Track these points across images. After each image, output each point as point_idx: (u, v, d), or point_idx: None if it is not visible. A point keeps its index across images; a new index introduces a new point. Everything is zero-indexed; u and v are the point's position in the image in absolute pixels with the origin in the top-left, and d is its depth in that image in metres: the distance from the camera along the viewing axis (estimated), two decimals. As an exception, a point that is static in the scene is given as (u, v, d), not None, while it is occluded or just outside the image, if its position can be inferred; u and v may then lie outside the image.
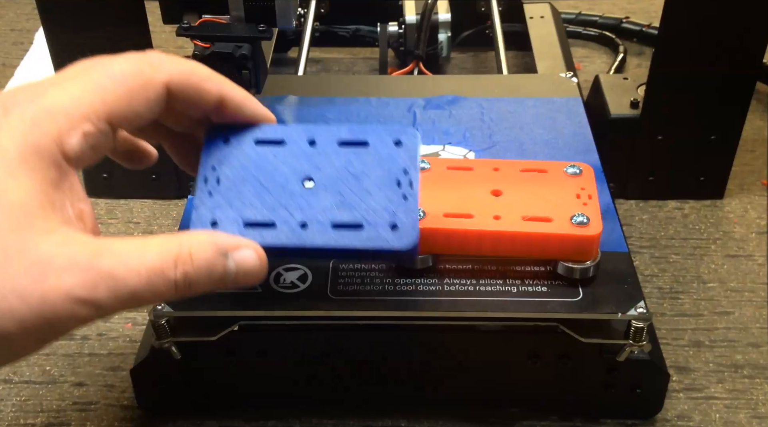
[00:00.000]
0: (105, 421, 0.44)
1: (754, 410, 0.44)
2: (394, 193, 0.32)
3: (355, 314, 0.39)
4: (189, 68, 0.31)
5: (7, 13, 0.87)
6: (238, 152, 0.33)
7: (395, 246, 0.32)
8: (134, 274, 0.26)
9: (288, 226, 0.32)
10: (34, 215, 0.26)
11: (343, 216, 0.32)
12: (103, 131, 0.28)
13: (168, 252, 0.27)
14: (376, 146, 0.33)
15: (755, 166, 0.63)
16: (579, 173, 0.42)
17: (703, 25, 0.52)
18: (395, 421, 0.44)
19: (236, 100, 0.33)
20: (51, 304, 0.25)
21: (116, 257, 0.26)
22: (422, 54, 0.69)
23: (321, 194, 0.32)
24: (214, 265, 0.28)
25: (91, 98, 0.28)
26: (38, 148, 0.26)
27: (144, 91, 0.29)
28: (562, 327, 0.39)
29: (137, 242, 0.27)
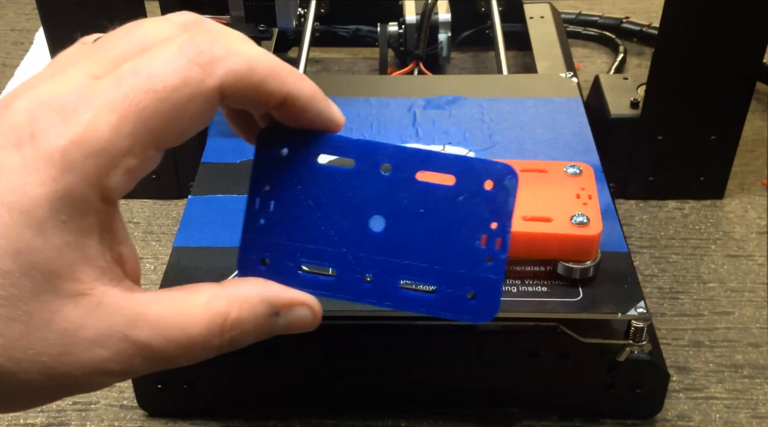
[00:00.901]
0: (105, 421, 0.44)
1: (754, 410, 0.44)
2: (477, 252, 0.27)
3: (355, 314, 0.39)
4: (247, 65, 0.25)
5: (7, 13, 0.87)
6: (298, 170, 0.27)
7: (471, 320, 0.27)
8: (173, 346, 0.24)
9: (350, 277, 0.28)
10: (62, 277, 0.23)
11: (415, 274, 0.27)
12: (148, 159, 0.24)
13: (215, 318, 0.25)
14: (464, 187, 0.27)
15: (755, 166, 0.63)
16: (579, 173, 0.42)
17: (703, 25, 0.52)
18: (395, 421, 0.44)
19: (302, 100, 0.27)
20: (79, 379, 0.23)
21: (155, 326, 0.24)
22: (422, 54, 0.69)
23: (392, 242, 0.27)
24: (264, 326, 0.26)
25: (132, 127, 0.23)
26: (72, 197, 0.22)
27: (192, 105, 0.24)
28: (562, 327, 0.39)
29: (180, 303, 0.24)
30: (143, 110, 0.23)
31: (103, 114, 0.23)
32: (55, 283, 0.22)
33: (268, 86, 0.25)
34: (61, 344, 0.23)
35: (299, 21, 0.68)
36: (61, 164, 0.22)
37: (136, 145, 0.23)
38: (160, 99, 0.23)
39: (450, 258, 0.27)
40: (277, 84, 0.25)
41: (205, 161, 0.47)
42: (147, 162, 0.24)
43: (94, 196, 0.23)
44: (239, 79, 0.24)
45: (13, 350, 0.22)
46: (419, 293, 0.27)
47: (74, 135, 0.22)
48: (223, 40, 0.25)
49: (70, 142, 0.22)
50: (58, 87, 0.23)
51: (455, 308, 0.27)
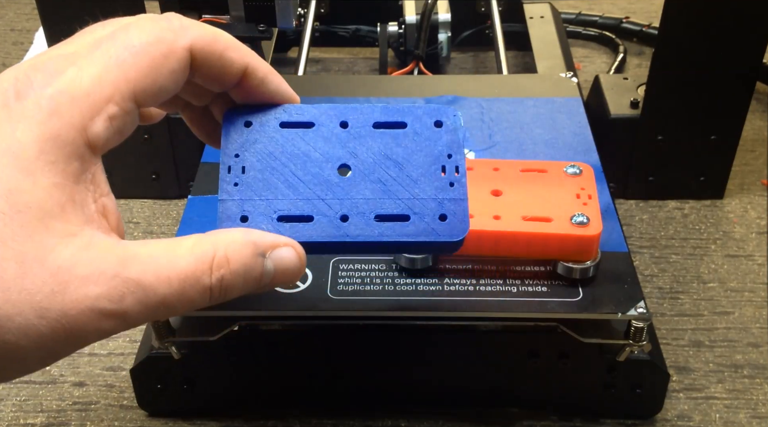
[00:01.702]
0: (105, 421, 0.44)
1: (754, 410, 0.44)
2: (439, 180, 0.30)
3: (355, 314, 0.39)
4: (212, 33, 0.28)
5: (7, 13, 0.87)
6: (262, 137, 0.30)
7: (445, 238, 0.29)
8: (165, 282, 0.24)
9: (327, 219, 0.29)
10: (53, 217, 0.23)
11: (387, 207, 0.29)
12: (128, 111, 0.25)
13: (202, 256, 0.25)
14: (415, 128, 0.30)
15: (755, 166, 0.63)
16: (579, 173, 0.42)
17: (703, 25, 0.52)
18: (395, 421, 0.44)
19: (260, 72, 0.29)
20: (72, 318, 0.23)
21: (145, 263, 0.24)
22: (422, 54, 0.69)
23: (360, 183, 0.30)
24: (252, 267, 0.26)
25: (113, 77, 0.25)
26: (59, 140, 0.24)
27: (167, 61, 0.26)
28: (562, 327, 0.39)
29: (167, 245, 0.25)
30: (123, 63, 0.25)
31: (86, 67, 0.25)
32: (47, 222, 0.23)
33: (231, 55, 0.28)
34: (55, 282, 0.23)
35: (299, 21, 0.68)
36: (47, 110, 0.24)
37: (117, 94, 0.25)
38: (138, 53, 0.26)
39: (416, 189, 0.30)
40: (239, 54, 0.29)
41: (205, 161, 0.47)
42: (127, 114, 0.25)
43: (79, 141, 0.24)
44: (206, 44, 0.27)
45: (8, 292, 0.22)
46: (395, 223, 0.29)
47: (60, 85, 0.24)
48: (190, 19, 0.28)
49: (56, 90, 0.24)
50: (40, 57, 0.26)
51: (430, 232, 0.29)
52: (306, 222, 0.29)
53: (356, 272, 0.40)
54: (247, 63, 0.29)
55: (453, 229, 0.30)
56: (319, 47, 0.77)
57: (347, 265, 0.41)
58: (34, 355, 0.23)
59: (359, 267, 0.41)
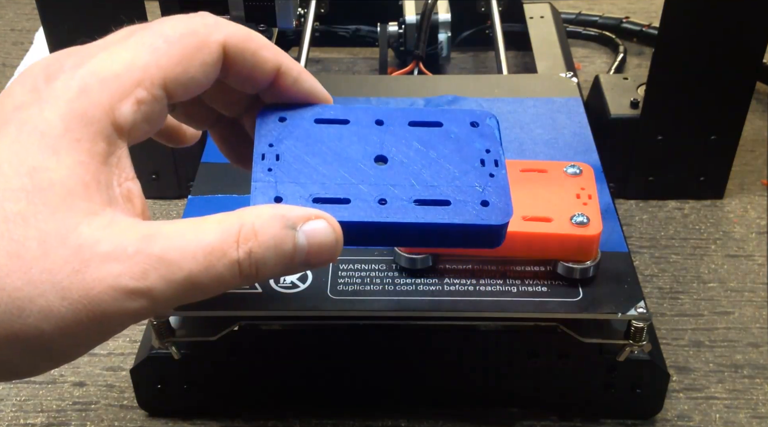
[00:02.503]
0: (105, 421, 0.44)
1: (754, 410, 0.44)
2: (479, 171, 0.29)
3: (355, 314, 0.39)
4: (246, 32, 0.28)
5: (7, 13, 0.87)
6: (297, 130, 0.29)
7: (489, 221, 0.28)
8: (190, 257, 0.23)
9: (364, 202, 0.28)
10: (76, 195, 0.23)
11: (427, 193, 0.28)
12: (158, 98, 0.25)
13: (228, 229, 0.24)
14: (451, 128, 0.30)
15: (755, 166, 0.63)
16: (579, 173, 0.42)
17: (703, 25, 0.52)
18: (395, 421, 0.44)
19: (293, 72, 0.29)
20: (95, 298, 0.22)
21: (168, 239, 0.23)
22: (422, 54, 0.69)
23: (399, 172, 0.28)
24: (283, 240, 0.25)
25: (144, 61, 0.25)
26: (86, 118, 0.23)
27: (200, 53, 0.26)
28: (562, 327, 0.39)
29: (191, 222, 0.24)
30: (155, 50, 0.25)
31: (119, 52, 0.25)
32: (70, 200, 0.23)
33: (264, 53, 0.28)
34: (77, 261, 0.22)
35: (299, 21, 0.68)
36: (76, 89, 0.24)
37: (147, 79, 0.25)
38: (171, 42, 0.25)
39: (456, 179, 0.29)
40: (272, 53, 0.28)
41: (205, 161, 0.47)
42: (156, 101, 0.25)
43: (105, 122, 0.24)
44: (240, 41, 0.27)
45: (30, 272, 0.22)
46: (436, 207, 0.28)
47: (90, 67, 0.24)
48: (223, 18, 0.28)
49: (86, 71, 0.24)
50: (73, 47, 0.26)
51: (472, 216, 0.28)
52: (343, 204, 0.27)
53: (356, 272, 0.40)
54: (281, 62, 0.29)
55: (496, 213, 0.28)
56: (319, 47, 0.77)
57: (347, 265, 0.41)
58: (59, 342, 0.22)
59: (359, 267, 0.41)
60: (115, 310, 0.22)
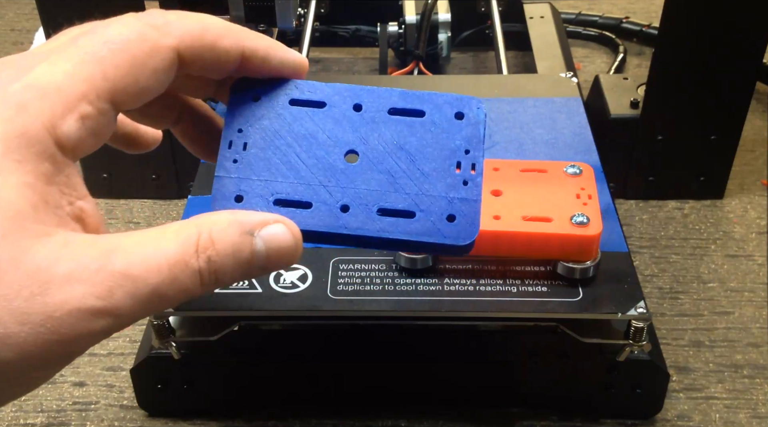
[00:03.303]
0: (105, 421, 0.44)
1: (754, 410, 0.44)
2: (452, 177, 0.28)
3: (355, 314, 0.39)
4: (200, 26, 0.26)
5: (7, 13, 0.87)
6: (270, 113, 0.28)
7: (451, 242, 0.27)
8: (154, 270, 0.22)
9: (326, 207, 0.27)
10: (26, 217, 0.21)
11: (392, 201, 0.27)
12: (104, 112, 0.23)
13: (188, 239, 0.23)
14: (434, 118, 0.28)
15: (755, 166, 0.63)
16: (579, 173, 0.42)
17: (703, 25, 0.52)
18: (395, 421, 0.44)
19: (260, 52, 0.27)
20: (59, 322, 0.21)
21: (130, 253, 0.22)
22: (422, 54, 0.69)
23: (367, 172, 0.28)
24: (240, 246, 0.24)
25: (88, 72, 0.23)
26: (26, 136, 0.22)
27: (151, 60, 0.24)
28: (562, 327, 0.39)
29: (150, 234, 0.23)
30: (101, 60, 0.23)
31: (60, 62, 0.23)
32: (20, 222, 0.21)
33: (224, 44, 0.26)
34: (35, 284, 0.21)
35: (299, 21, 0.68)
36: (15, 106, 0.22)
37: (91, 92, 0.23)
38: (119, 50, 0.24)
39: (426, 184, 0.27)
40: (232, 41, 0.26)
41: (205, 161, 0.47)
42: (102, 115, 0.24)
43: (48, 140, 0.22)
44: (195, 39, 0.25)
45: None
46: (398, 219, 0.27)
47: (29, 80, 0.23)
48: (175, 12, 0.26)
49: (24, 85, 0.22)
50: (11, 56, 0.24)
51: (435, 232, 0.27)
52: (304, 208, 0.27)
53: (356, 272, 0.40)
54: (243, 47, 0.27)
55: (460, 231, 0.27)
56: (319, 47, 0.77)
57: (347, 265, 0.41)
58: (21, 369, 0.21)
59: (359, 267, 0.41)
60: (80, 331, 0.22)
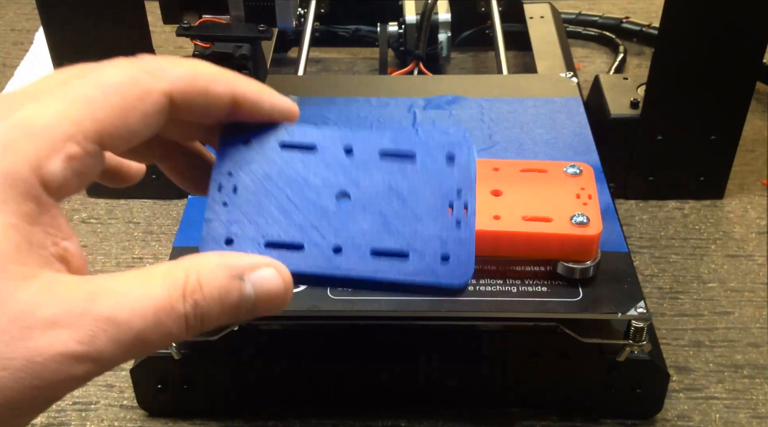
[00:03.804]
0: (105, 421, 0.44)
1: (754, 410, 0.44)
2: (445, 218, 0.28)
3: (355, 314, 0.39)
4: (192, 71, 0.26)
5: (7, 13, 0.87)
6: (260, 157, 0.28)
7: (446, 282, 0.27)
8: (139, 315, 0.22)
9: (318, 249, 0.27)
10: (9, 259, 0.21)
11: (386, 242, 0.27)
12: (91, 153, 0.23)
13: (175, 282, 0.23)
14: (425, 161, 0.28)
15: (755, 166, 0.63)
16: (579, 173, 0.42)
17: (703, 25, 0.52)
18: (395, 421, 0.44)
19: (251, 97, 0.27)
20: (41, 367, 0.21)
21: (115, 297, 0.22)
22: (422, 54, 0.69)
23: (359, 215, 0.27)
24: (228, 290, 0.24)
25: (77, 114, 0.23)
26: (10, 177, 0.22)
27: (141, 104, 0.24)
28: (562, 327, 0.39)
29: (137, 277, 0.23)
30: (91, 101, 0.23)
31: (48, 103, 0.23)
32: (3, 264, 0.21)
33: (215, 89, 0.26)
34: (17, 328, 0.21)
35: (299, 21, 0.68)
36: (1, 145, 0.22)
37: (79, 133, 0.23)
38: (109, 93, 0.24)
39: (419, 225, 0.27)
40: (223, 86, 0.26)
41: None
42: (90, 156, 0.23)
43: (33, 180, 0.22)
44: (186, 84, 0.25)
45: None
46: (392, 260, 0.27)
47: (16, 119, 0.22)
48: (167, 58, 0.26)
49: (11, 125, 0.22)
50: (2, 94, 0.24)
51: (429, 273, 0.27)
52: (296, 251, 0.27)
53: (356, 272, 0.40)
54: (234, 92, 0.27)
55: (454, 272, 0.27)
56: (319, 47, 0.77)
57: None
58: (1, 414, 0.21)
59: (359, 267, 0.41)
60: (62, 376, 0.21)
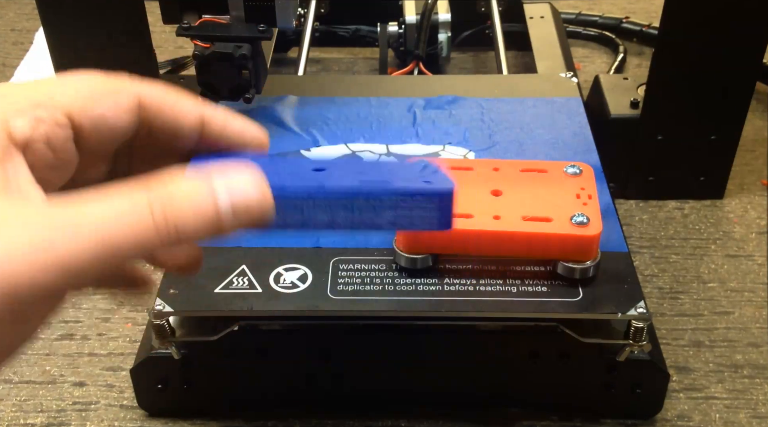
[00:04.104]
0: (105, 421, 0.44)
1: (754, 410, 0.44)
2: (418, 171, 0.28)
3: (355, 314, 0.39)
4: (162, 87, 0.27)
5: (7, 13, 0.87)
6: None
7: (435, 187, 0.27)
8: (99, 215, 0.22)
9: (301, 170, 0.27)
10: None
11: (368, 175, 0.27)
12: (59, 124, 0.24)
13: (137, 185, 0.23)
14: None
15: (755, 166, 0.63)
16: (579, 173, 0.42)
17: (703, 25, 0.52)
18: (395, 421, 0.44)
19: (219, 119, 0.28)
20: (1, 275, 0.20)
21: (76, 204, 0.22)
22: (422, 54, 0.69)
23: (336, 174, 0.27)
24: (198, 190, 0.23)
25: (49, 88, 0.24)
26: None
27: (112, 95, 0.25)
28: (562, 327, 0.39)
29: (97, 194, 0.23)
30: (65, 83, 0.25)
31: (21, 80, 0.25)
32: None
33: (185, 105, 0.27)
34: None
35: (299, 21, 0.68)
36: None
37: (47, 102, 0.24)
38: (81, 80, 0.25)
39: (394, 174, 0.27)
40: (193, 104, 0.27)
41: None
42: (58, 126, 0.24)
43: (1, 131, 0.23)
44: (157, 97, 0.26)
45: None
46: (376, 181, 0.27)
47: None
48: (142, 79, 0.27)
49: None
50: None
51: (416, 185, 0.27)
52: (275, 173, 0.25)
53: (356, 272, 0.40)
54: (203, 112, 0.27)
55: (439, 184, 0.27)
56: (319, 47, 0.77)
57: (347, 265, 0.41)
58: None
59: (359, 267, 0.41)
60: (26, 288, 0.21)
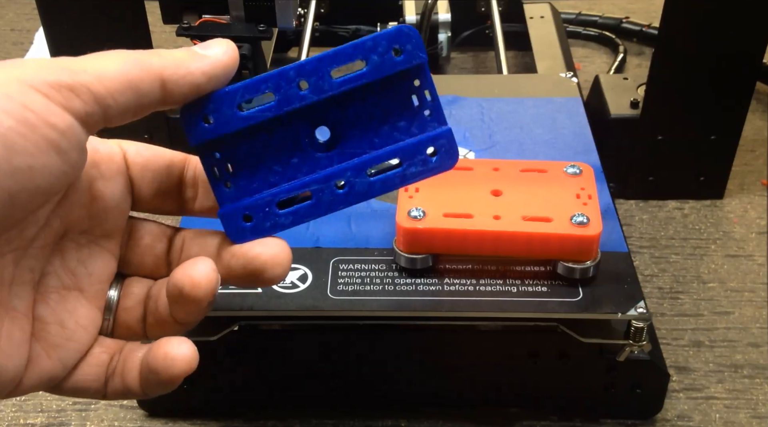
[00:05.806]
0: (105, 421, 0.44)
1: (754, 410, 0.44)
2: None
3: (355, 314, 0.39)
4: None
5: (7, 13, 0.87)
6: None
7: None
8: (114, 62, 0.24)
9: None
10: None
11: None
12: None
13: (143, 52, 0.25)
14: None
15: (755, 166, 0.63)
16: (579, 173, 0.42)
17: (703, 25, 0.52)
18: (395, 421, 0.44)
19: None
20: (20, 100, 0.21)
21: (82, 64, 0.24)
22: (422, 54, 0.69)
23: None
24: (190, 53, 0.26)
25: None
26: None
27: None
28: (562, 327, 0.39)
29: None
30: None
31: None
32: None
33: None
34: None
35: (299, 21, 0.68)
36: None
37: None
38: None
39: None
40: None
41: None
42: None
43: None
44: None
45: None
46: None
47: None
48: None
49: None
50: None
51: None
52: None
53: (356, 272, 0.40)
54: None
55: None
56: (319, 47, 0.77)
57: (347, 265, 0.41)
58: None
59: (359, 267, 0.41)
60: (46, 112, 0.22)
